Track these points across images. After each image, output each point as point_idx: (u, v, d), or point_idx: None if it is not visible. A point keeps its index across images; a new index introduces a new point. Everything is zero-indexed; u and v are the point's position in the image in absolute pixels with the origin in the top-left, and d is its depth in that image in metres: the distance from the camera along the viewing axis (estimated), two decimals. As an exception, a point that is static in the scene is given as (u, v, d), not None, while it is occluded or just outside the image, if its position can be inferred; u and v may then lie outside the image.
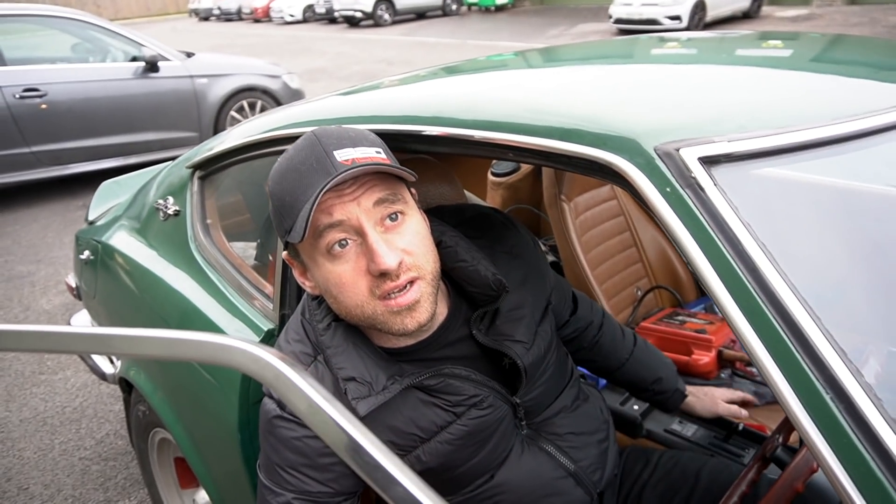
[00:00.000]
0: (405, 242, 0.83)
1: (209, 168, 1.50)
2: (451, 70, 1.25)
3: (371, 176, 0.82)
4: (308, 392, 0.41)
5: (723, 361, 1.80)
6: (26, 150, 5.00)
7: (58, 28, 5.51)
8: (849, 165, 0.73)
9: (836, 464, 0.55)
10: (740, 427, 1.36)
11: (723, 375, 1.80)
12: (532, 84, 1.02)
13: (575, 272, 1.98)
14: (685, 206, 0.64)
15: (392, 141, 0.90)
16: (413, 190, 0.90)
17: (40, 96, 4.93)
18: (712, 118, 0.73)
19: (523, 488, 1.02)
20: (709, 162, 0.67)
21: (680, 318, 1.93)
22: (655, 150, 0.68)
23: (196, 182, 1.53)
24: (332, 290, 0.84)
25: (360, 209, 0.80)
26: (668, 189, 0.66)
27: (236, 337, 0.44)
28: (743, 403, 1.39)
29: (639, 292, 2.14)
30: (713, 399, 1.36)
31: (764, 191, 0.70)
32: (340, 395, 0.87)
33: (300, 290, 1.16)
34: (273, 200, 0.85)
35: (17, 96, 4.85)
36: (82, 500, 2.20)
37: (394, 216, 0.82)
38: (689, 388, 1.36)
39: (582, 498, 1.07)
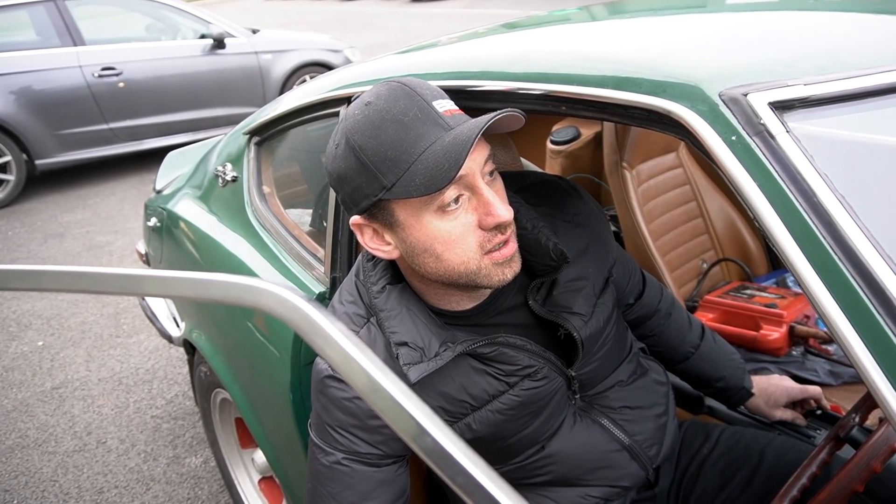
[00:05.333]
0: (502, 198, 0.82)
1: (265, 133, 1.52)
2: (507, 26, 1.20)
3: None
4: (333, 334, 0.39)
5: (795, 338, 1.70)
6: (105, 126, 5.24)
7: (134, 10, 5.76)
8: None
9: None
10: (817, 411, 1.27)
11: (794, 353, 1.70)
12: (585, 33, 0.96)
13: (636, 243, 1.90)
14: (752, 155, 0.59)
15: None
16: None
17: (117, 75, 5.15)
18: (786, 60, 0.66)
19: (575, 460, 0.99)
20: (781, 108, 0.61)
21: (748, 291, 1.83)
22: (720, 96, 0.62)
23: (252, 148, 1.55)
24: (436, 248, 0.80)
25: (475, 164, 0.77)
26: (733, 138, 0.60)
27: (267, 280, 0.43)
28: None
29: (704, 265, 2.04)
30: (777, 402, 1.24)
31: (845, 140, 0.63)
32: (392, 359, 0.85)
33: (351, 253, 1.16)
34: (365, 156, 0.77)
35: (96, 75, 5.08)
36: (154, 456, 2.32)
37: (492, 172, 0.81)
38: (757, 384, 1.24)
39: (636, 472, 1.03)
